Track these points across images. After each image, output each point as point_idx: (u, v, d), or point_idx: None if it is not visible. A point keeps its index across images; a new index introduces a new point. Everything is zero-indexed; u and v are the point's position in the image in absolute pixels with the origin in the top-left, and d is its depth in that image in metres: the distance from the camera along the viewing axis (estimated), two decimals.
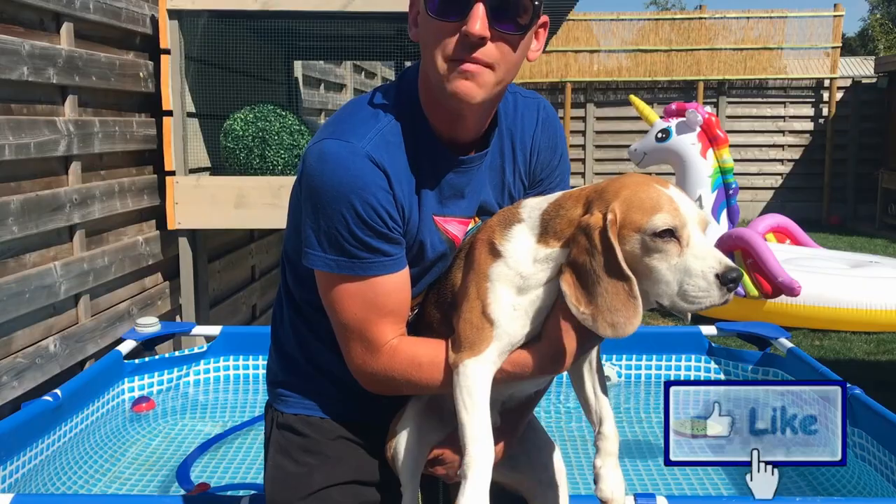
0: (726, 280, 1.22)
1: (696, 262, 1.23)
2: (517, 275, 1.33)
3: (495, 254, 1.35)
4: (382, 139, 1.37)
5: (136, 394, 3.35)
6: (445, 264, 1.48)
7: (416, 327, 1.51)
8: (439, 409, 1.49)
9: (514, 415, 1.50)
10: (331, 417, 1.57)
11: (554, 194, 1.39)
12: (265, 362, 3.93)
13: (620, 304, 1.24)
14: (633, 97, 8.05)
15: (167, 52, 4.02)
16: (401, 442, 1.47)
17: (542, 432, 1.62)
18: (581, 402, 1.47)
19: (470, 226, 1.49)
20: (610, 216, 1.26)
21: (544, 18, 1.39)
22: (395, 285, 1.40)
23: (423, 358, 1.39)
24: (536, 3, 1.32)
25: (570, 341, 1.32)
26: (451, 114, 1.39)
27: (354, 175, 1.32)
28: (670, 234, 1.24)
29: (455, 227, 1.47)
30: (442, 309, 1.46)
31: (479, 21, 1.26)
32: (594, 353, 1.45)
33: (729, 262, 1.24)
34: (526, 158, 1.54)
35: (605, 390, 1.45)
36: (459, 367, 1.33)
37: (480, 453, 1.28)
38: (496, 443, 1.33)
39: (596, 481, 1.38)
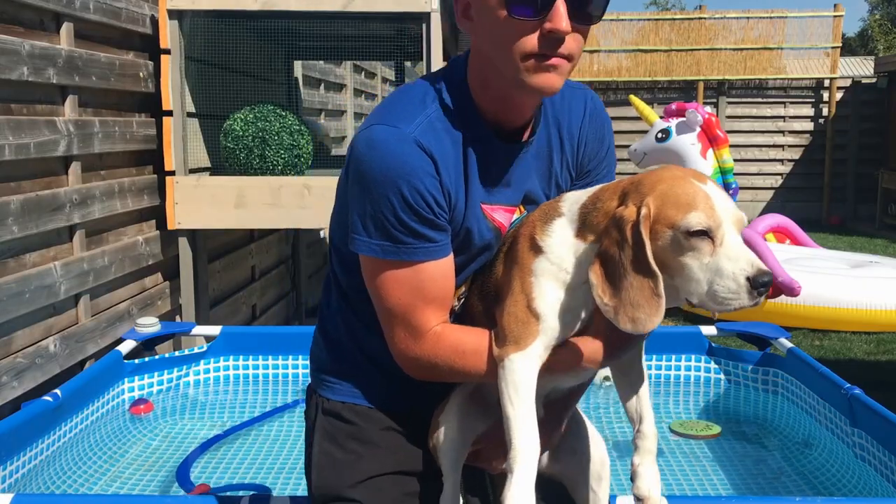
0: (757, 284, 1.20)
1: (728, 263, 1.21)
2: (560, 269, 1.32)
3: (537, 249, 1.34)
4: (430, 125, 1.38)
5: (136, 394, 3.35)
6: (491, 253, 1.49)
7: (460, 317, 1.51)
8: (483, 401, 1.49)
9: (558, 406, 1.50)
10: (376, 406, 1.57)
11: (593, 187, 1.39)
12: (265, 362, 3.94)
13: (644, 300, 1.23)
14: (632, 97, 8.06)
15: (167, 52, 4.02)
16: (444, 432, 1.47)
17: (585, 424, 1.62)
18: (622, 399, 1.46)
19: (515, 215, 1.49)
20: (644, 210, 1.24)
21: None
22: (440, 271, 1.40)
23: (468, 346, 1.40)
24: None
25: (610, 338, 1.32)
26: (508, 102, 1.41)
27: (402, 160, 1.33)
28: (704, 233, 1.22)
29: (501, 216, 1.47)
30: (485, 300, 1.46)
31: (564, 19, 1.29)
32: (636, 351, 1.44)
33: (761, 265, 1.21)
34: (574, 149, 1.54)
35: (646, 389, 1.44)
36: (505, 361, 1.32)
37: (526, 447, 1.28)
38: (540, 435, 1.32)
39: (633, 479, 1.37)
